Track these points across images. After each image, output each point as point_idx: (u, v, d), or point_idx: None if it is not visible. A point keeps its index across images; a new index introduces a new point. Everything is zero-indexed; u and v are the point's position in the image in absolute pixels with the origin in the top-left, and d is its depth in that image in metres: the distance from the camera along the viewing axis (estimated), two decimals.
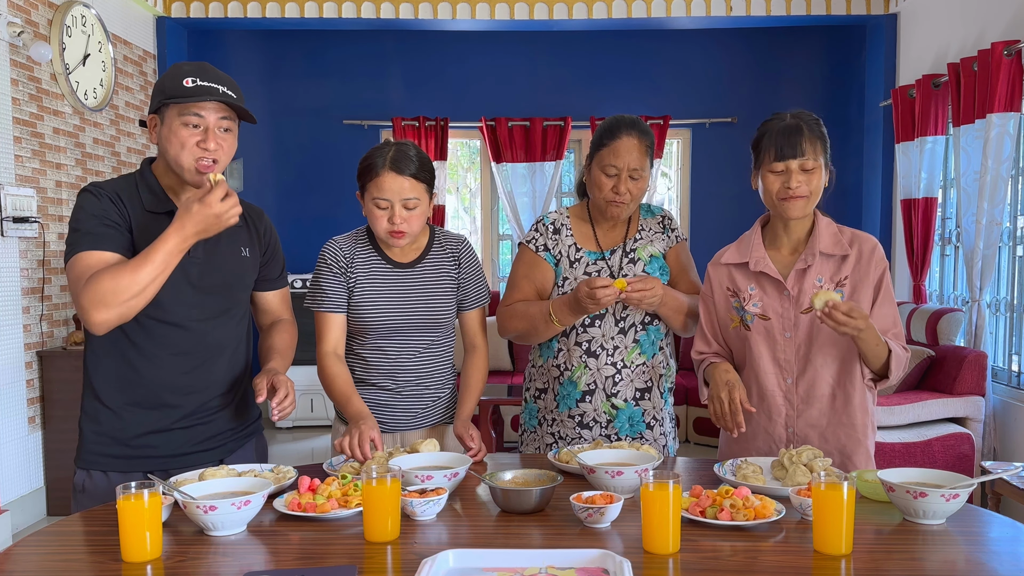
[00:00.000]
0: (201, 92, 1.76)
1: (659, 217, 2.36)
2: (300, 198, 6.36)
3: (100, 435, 1.88)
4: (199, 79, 1.77)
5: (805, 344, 2.03)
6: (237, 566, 1.40)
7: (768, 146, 1.98)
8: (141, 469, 1.86)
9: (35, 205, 4.30)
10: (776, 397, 2.05)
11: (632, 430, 2.25)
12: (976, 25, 4.61)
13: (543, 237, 2.31)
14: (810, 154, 1.95)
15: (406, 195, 2.03)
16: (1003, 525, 1.61)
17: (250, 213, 2.00)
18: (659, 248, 2.31)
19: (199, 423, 1.92)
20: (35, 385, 4.38)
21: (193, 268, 1.85)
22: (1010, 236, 4.43)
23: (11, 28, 4.12)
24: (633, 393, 2.24)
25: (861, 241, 2.05)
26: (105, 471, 1.88)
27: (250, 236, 1.98)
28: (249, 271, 1.97)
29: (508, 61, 6.27)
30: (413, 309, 2.13)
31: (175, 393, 1.87)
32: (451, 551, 1.38)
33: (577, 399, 2.25)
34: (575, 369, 2.24)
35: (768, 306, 2.04)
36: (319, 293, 2.14)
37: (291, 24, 5.77)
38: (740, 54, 6.24)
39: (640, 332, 2.24)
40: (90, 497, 1.87)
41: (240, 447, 2.01)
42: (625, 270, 2.26)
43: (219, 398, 1.94)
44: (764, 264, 2.05)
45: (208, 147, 1.78)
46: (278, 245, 2.08)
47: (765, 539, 1.51)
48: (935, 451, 4.04)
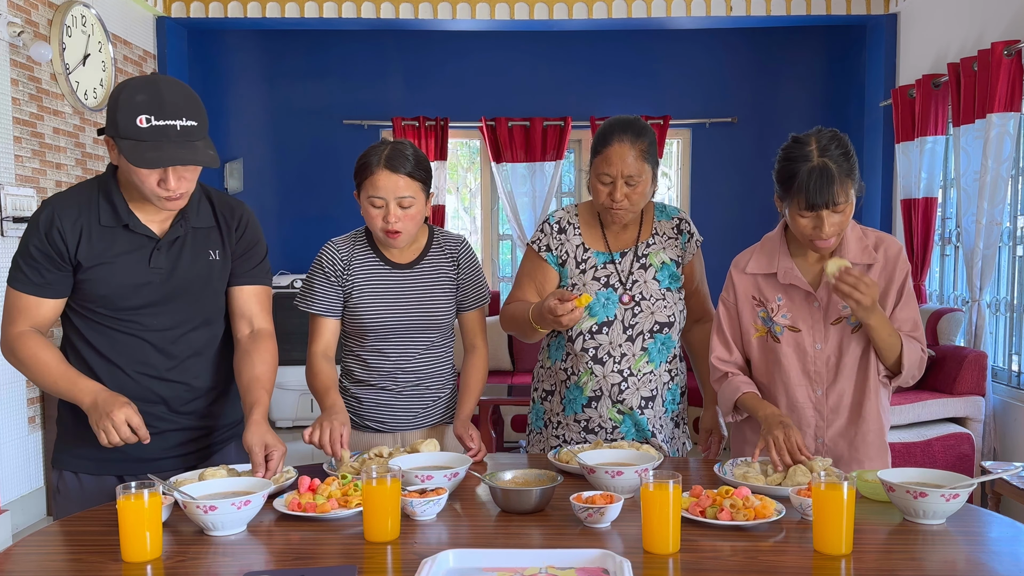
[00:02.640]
0: (156, 136, 1.65)
1: (675, 220, 2.29)
2: (300, 198, 6.35)
3: (72, 437, 1.86)
4: (154, 117, 1.65)
5: (835, 355, 2.00)
6: (237, 566, 1.40)
7: (797, 193, 1.87)
8: (113, 472, 1.84)
9: (35, 205, 4.30)
10: (806, 409, 2.03)
11: (638, 435, 2.22)
12: (976, 25, 4.61)
13: (547, 237, 2.27)
14: (842, 195, 1.86)
15: (401, 193, 2.02)
16: (1003, 525, 1.61)
17: (223, 211, 1.92)
18: (673, 255, 2.25)
19: (172, 429, 1.88)
20: (35, 385, 4.38)
21: (155, 277, 1.81)
22: (1010, 236, 4.43)
23: (11, 28, 4.12)
24: (639, 401, 2.20)
25: (886, 247, 2.01)
26: (76, 472, 1.86)
27: (221, 237, 1.91)
28: (218, 274, 1.91)
29: (508, 61, 6.27)
30: (412, 310, 2.12)
31: (144, 402, 1.82)
32: (451, 551, 1.39)
33: (583, 404, 2.22)
34: (581, 375, 2.22)
35: (797, 317, 2.01)
36: (309, 295, 2.13)
37: (291, 24, 5.77)
38: (740, 54, 6.23)
39: (648, 340, 2.20)
40: (65, 499, 1.86)
41: (216, 453, 1.98)
42: (636, 275, 2.21)
43: (193, 403, 1.91)
44: (793, 276, 2.00)
45: (169, 187, 1.71)
46: (258, 238, 1.98)
47: (765, 539, 1.51)
48: (935, 451, 4.04)
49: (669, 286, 2.23)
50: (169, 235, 1.83)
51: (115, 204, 1.79)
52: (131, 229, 1.80)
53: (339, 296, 2.13)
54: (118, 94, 1.69)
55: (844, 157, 1.88)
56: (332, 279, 2.12)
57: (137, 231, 1.80)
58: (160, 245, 1.82)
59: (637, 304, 2.20)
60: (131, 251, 1.80)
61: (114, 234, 1.79)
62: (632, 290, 2.20)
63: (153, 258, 1.81)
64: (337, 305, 2.13)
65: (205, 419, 1.94)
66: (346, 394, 2.20)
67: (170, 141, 1.66)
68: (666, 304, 2.21)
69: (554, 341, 2.29)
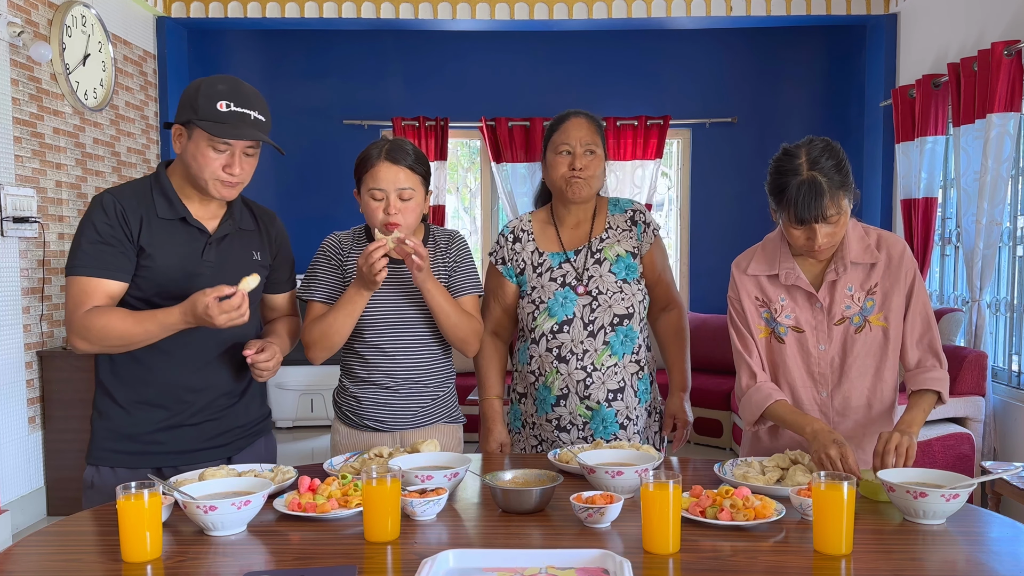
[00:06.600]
0: (235, 120, 1.79)
1: (629, 212, 2.33)
2: (300, 198, 6.35)
3: (110, 431, 1.91)
4: (233, 104, 1.80)
5: (839, 356, 2.00)
6: (237, 566, 1.41)
7: (787, 206, 1.86)
8: (150, 465, 1.89)
9: (35, 205, 4.30)
10: (812, 411, 2.02)
11: (606, 432, 2.24)
12: (976, 25, 4.61)
13: (502, 250, 2.34)
14: (832, 208, 1.84)
15: (401, 185, 2.04)
16: (1003, 525, 1.61)
17: (262, 217, 2.06)
18: (628, 247, 2.28)
19: (209, 420, 1.94)
20: (35, 385, 4.38)
21: (207, 270, 1.89)
22: (1010, 236, 4.43)
23: (11, 28, 4.12)
24: (606, 395, 2.23)
25: (889, 245, 1.99)
26: (113, 467, 1.90)
27: (261, 240, 2.03)
28: (259, 273, 1.97)
29: (508, 61, 6.27)
30: (410, 306, 2.13)
31: (186, 390, 1.90)
32: (451, 551, 1.39)
33: (552, 403, 2.26)
34: (548, 375, 2.26)
35: (801, 318, 2.01)
36: (313, 283, 2.17)
37: (291, 24, 5.77)
38: (740, 54, 6.23)
39: (609, 334, 2.23)
40: (99, 493, 1.89)
41: (249, 445, 2.04)
42: (591, 271, 2.25)
43: (229, 396, 1.97)
44: (795, 277, 1.99)
45: (233, 172, 1.84)
46: (289, 248, 2.13)
47: (765, 539, 1.51)
48: (935, 451, 4.04)
49: (625, 277, 2.26)
50: (219, 231, 1.93)
51: (170, 198, 1.88)
52: (188, 222, 1.89)
53: (340, 284, 2.14)
54: (198, 84, 1.83)
55: (835, 169, 1.85)
56: (334, 265, 2.16)
57: (193, 224, 1.89)
58: (212, 240, 1.92)
59: (594, 299, 2.23)
60: (187, 243, 1.89)
61: (172, 226, 1.88)
62: (588, 285, 2.24)
63: (205, 252, 1.91)
64: (337, 294, 2.14)
65: (239, 411, 2.00)
66: (345, 393, 2.21)
67: (248, 125, 1.81)
68: (623, 296, 2.24)
69: (522, 345, 2.34)
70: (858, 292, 1.98)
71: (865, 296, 1.98)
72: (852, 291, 1.98)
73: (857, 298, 1.98)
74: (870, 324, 1.99)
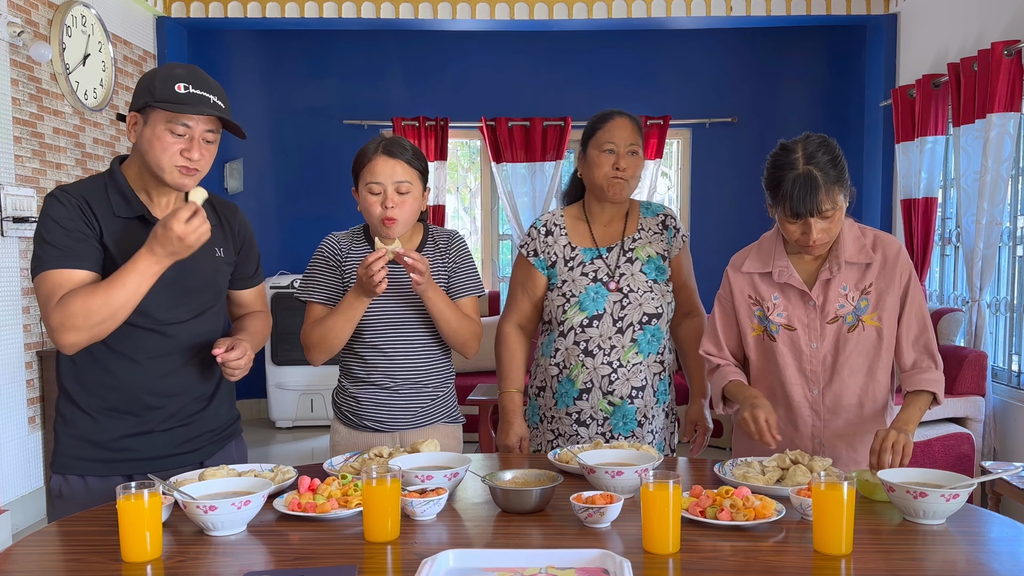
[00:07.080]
0: (193, 101, 1.73)
1: (660, 216, 2.37)
2: (300, 198, 6.35)
3: (77, 439, 1.83)
4: (191, 86, 1.74)
5: (831, 354, 2.00)
6: (237, 566, 1.40)
7: (783, 200, 1.87)
8: (120, 473, 1.83)
9: (35, 205, 4.30)
10: (803, 408, 2.03)
11: (625, 428, 2.27)
12: (976, 25, 4.61)
13: (534, 242, 2.35)
14: (828, 203, 1.86)
15: (399, 178, 2.05)
16: (1003, 525, 1.61)
17: (223, 211, 1.96)
18: (659, 249, 2.32)
19: (180, 425, 1.89)
20: (35, 385, 4.38)
21: (167, 271, 1.79)
22: (1010, 236, 4.43)
23: (11, 28, 4.12)
24: (629, 391, 2.26)
25: (885, 245, 2.00)
26: (83, 475, 1.84)
27: (224, 235, 1.94)
28: (223, 271, 1.95)
29: (508, 61, 6.27)
30: (409, 306, 2.13)
31: (156, 396, 1.84)
32: (451, 551, 1.39)
33: (575, 397, 2.28)
34: (572, 368, 2.27)
35: (793, 316, 2.01)
36: (311, 283, 2.16)
37: (291, 24, 5.77)
38: (740, 54, 6.23)
39: (638, 332, 2.26)
40: (67, 502, 1.82)
41: (220, 449, 1.98)
42: (623, 269, 2.28)
43: (199, 400, 1.92)
44: (788, 275, 2.00)
45: (192, 156, 1.75)
46: (253, 242, 2.04)
47: (765, 539, 1.51)
48: (935, 451, 4.04)
49: (656, 278, 2.29)
50: None
51: (126, 195, 1.81)
52: (146, 220, 1.80)
53: (339, 285, 2.14)
54: (154, 71, 1.78)
55: (831, 164, 1.87)
56: (333, 266, 2.15)
57: (151, 222, 1.80)
58: None
59: (625, 296, 2.25)
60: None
61: (131, 225, 1.80)
62: (620, 282, 2.26)
63: None
64: (336, 295, 2.14)
65: (209, 416, 1.95)
66: (344, 393, 2.20)
67: (207, 107, 1.74)
68: (653, 296, 2.27)
69: (546, 338, 2.35)
70: (852, 291, 1.99)
71: (859, 296, 1.98)
72: (846, 290, 1.99)
73: (851, 297, 1.99)
74: (863, 323, 1.99)
